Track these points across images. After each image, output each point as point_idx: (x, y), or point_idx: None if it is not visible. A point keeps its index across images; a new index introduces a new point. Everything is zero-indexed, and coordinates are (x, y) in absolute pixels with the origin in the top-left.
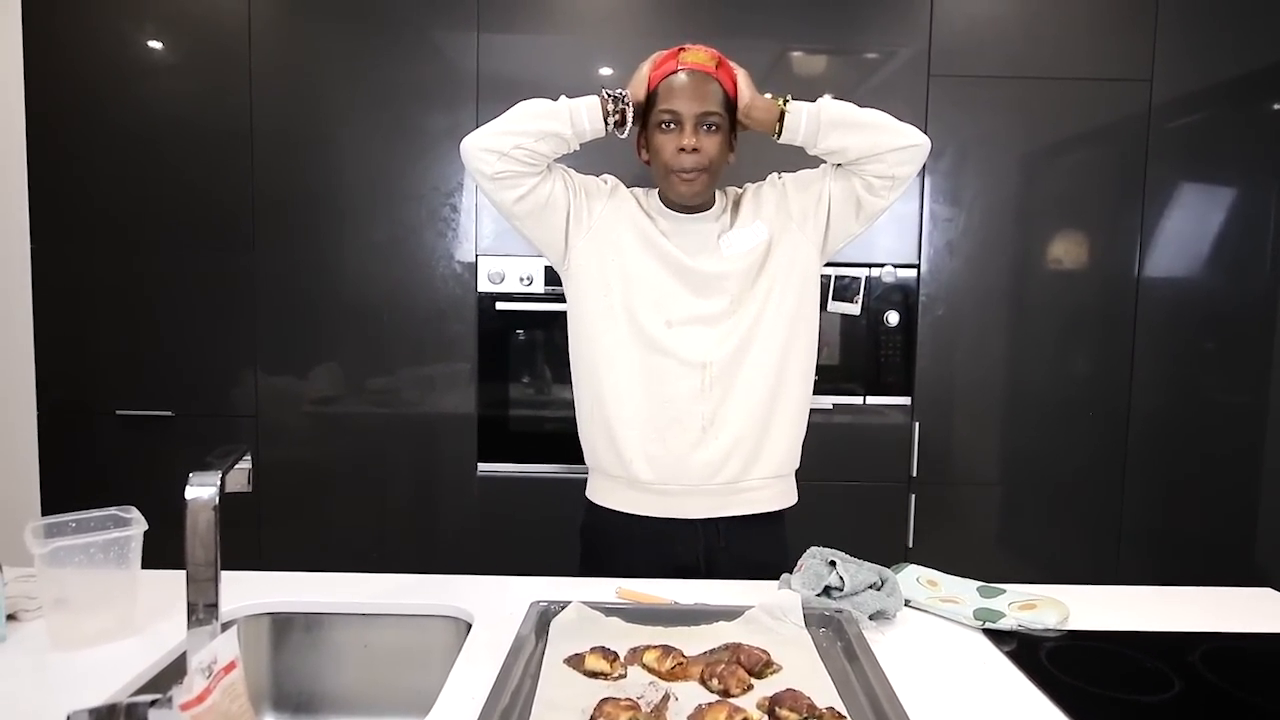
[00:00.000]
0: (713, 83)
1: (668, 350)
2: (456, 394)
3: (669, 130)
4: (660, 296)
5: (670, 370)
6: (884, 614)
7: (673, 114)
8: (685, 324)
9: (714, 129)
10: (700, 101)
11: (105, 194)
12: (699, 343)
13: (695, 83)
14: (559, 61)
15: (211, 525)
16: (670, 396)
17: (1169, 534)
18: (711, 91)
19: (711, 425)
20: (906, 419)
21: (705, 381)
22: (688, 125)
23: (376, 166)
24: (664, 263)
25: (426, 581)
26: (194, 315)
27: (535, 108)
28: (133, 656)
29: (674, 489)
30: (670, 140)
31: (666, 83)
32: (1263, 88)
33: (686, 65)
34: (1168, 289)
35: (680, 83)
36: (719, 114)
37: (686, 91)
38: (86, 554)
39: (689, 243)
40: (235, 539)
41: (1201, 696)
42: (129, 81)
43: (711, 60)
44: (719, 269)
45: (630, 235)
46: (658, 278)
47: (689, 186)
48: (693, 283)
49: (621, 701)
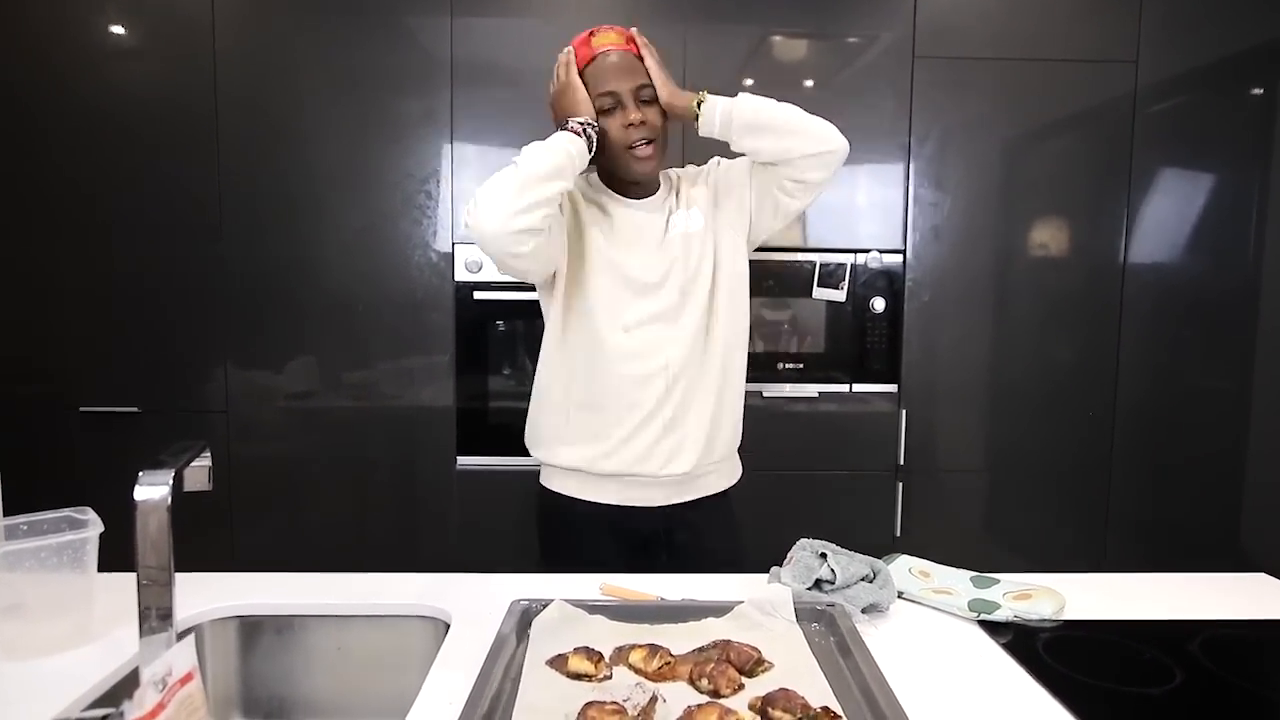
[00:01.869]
0: (630, 55)
1: (627, 354)
2: (434, 386)
3: (611, 113)
4: (611, 302)
5: (633, 374)
6: (877, 607)
7: (611, 96)
8: (642, 325)
9: (650, 100)
10: (632, 76)
11: (66, 182)
12: (657, 343)
13: (620, 60)
14: (534, 46)
15: (164, 527)
16: (635, 401)
17: (1155, 519)
18: (634, 65)
19: (671, 423)
20: (893, 406)
21: (666, 383)
22: (628, 101)
23: (348, 154)
24: (612, 268)
25: (402, 580)
26: (160, 307)
27: (539, 167)
28: (89, 666)
29: (635, 482)
30: (615, 120)
31: (591, 69)
32: (1247, 71)
33: (604, 46)
34: (1152, 275)
35: (608, 64)
36: (649, 85)
37: (616, 70)
38: (38, 558)
39: (634, 235)
40: (206, 540)
41: (1205, 688)
42: (90, 67)
43: (623, 38)
44: (665, 264)
45: (583, 239)
46: (610, 283)
47: (647, 162)
48: (640, 286)
49: (607, 705)
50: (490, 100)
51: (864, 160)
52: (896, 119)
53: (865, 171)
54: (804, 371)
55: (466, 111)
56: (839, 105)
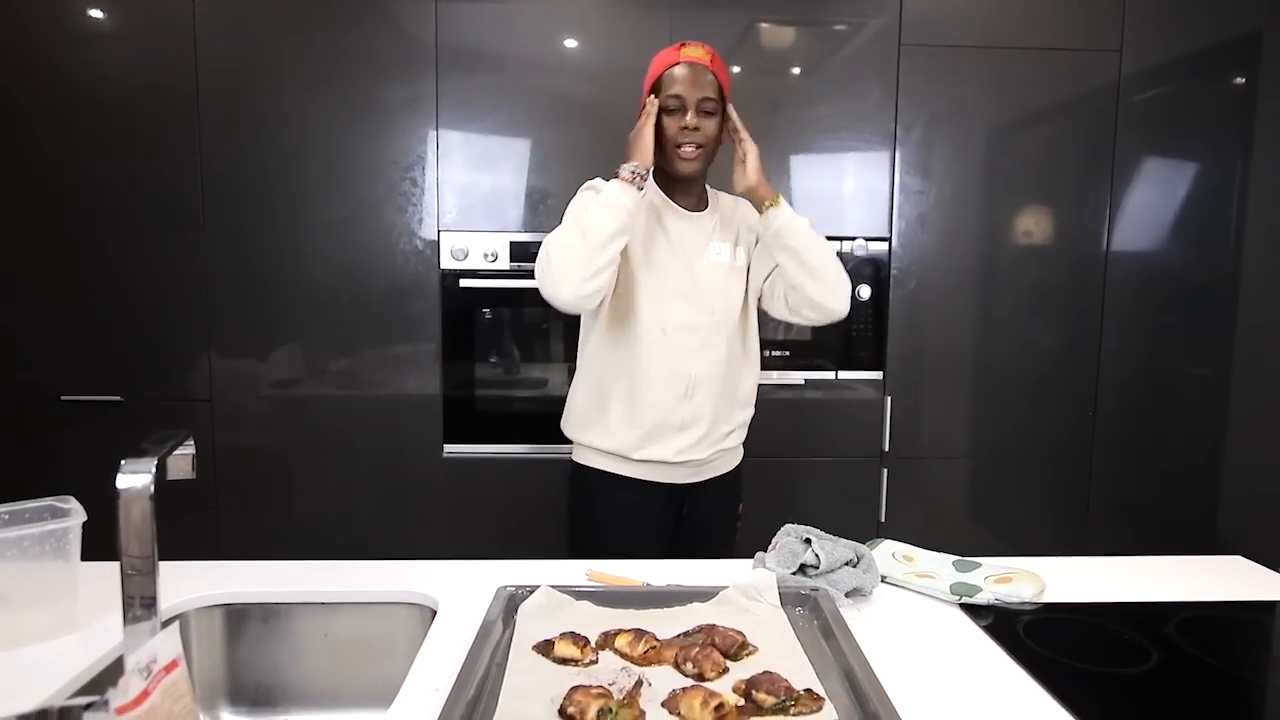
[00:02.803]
0: (709, 73)
1: (659, 357)
2: (421, 374)
3: (673, 113)
4: (654, 302)
5: (658, 375)
6: (860, 591)
7: (677, 99)
8: (679, 330)
9: (711, 113)
10: (699, 88)
11: (46, 169)
12: (689, 351)
13: (695, 72)
14: (521, 31)
15: (147, 516)
16: (657, 403)
17: (1136, 504)
18: (709, 80)
19: (689, 421)
20: (878, 393)
21: (688, 387)
22: (690, 108)
23: (332, 140)
24: (663, 274)
25: (388, 567)
26: (143, 296)
27: (604, 230)
28: (72, 655)
29: (653, 468)
30: (674, 121)
31: (669, 73)
32: (1229, 60)
33: (688, 59)
34: (1135, 262)
35: (682, 73)
36: (715, 100)
37: (688, 80)
38: (20, 547)
39: (687, 245)
40: (191, 529)
41: (1179, 667)
42: (71, 53)
43: (707, 55)
44: (708, 280)
45: (640, 244)
46: (655, 284)
47: (690, 164)
48: (687, 292)
49: (592, 689)
50: (476, 86)
51: (850, 148)
52: (882, 107)
53: (851, 160)
54: (790, 359)
55: (452, 98)
56: (825, 93)
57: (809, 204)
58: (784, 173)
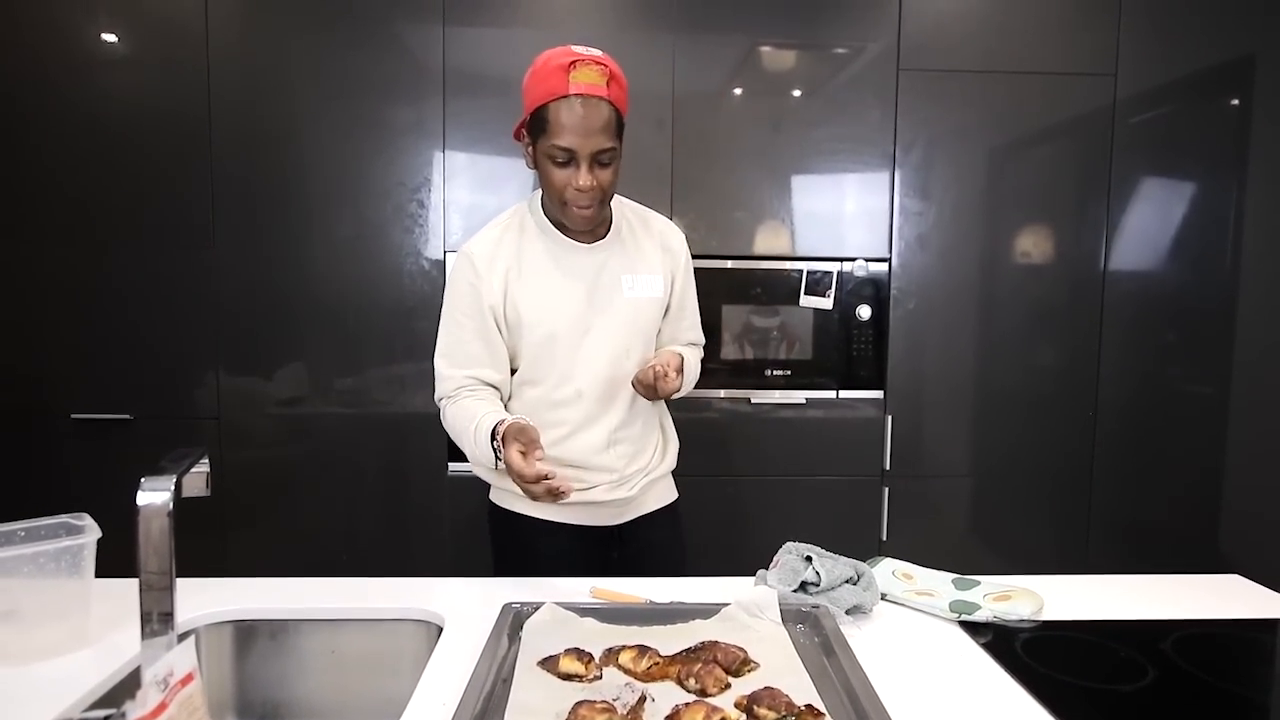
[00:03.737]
0: (604, 107)
1: (576, 421)
2: (426, 393)
3: (563, 166)
4: (570, 363)
5: (578, 436)
6: (860, 608)
7: (566, 151)
8: (594, 388)
9: (608, 163)
10: (594, 137)
11: (59, 189)
12: (603, 408)
13: (588, 114)
14: (526, 56)
15: (166, 532)
16: (577, 460)
17: (1136, 523)
18: (606, 123)
19: (623, 474)
20: (879, 412)
21: (610, 439)
22: (583, 164)
23: (340, 162)
24: (571, 329)
25: (395, 585)
26: (152, 314)
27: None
28: (86, 670)
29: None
30: (564, 176)
31: (556, 109)
32: (1223, 83)
33: (579, 89)
34: (1133, 282)
35: (572, 116)
36: (613, 147)
37: (579, 127)
38: (36, 563)
39: (587, 281)
40: (198, 545)
41: (1175, 684)
42: (85, 74)
43: (603, 78)
44: (619, 313)
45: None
46: (566, 345)
47: (585, 218)
48: (596, 340)
49: (597, 704)
50: (482, 109)
51: (850, 170)
52: (882, 129)
53: (851, 181)
54: (791, 378)
55: (458, 120)
56: (825, 115)
57: (809, 225)
58: (785, 193)
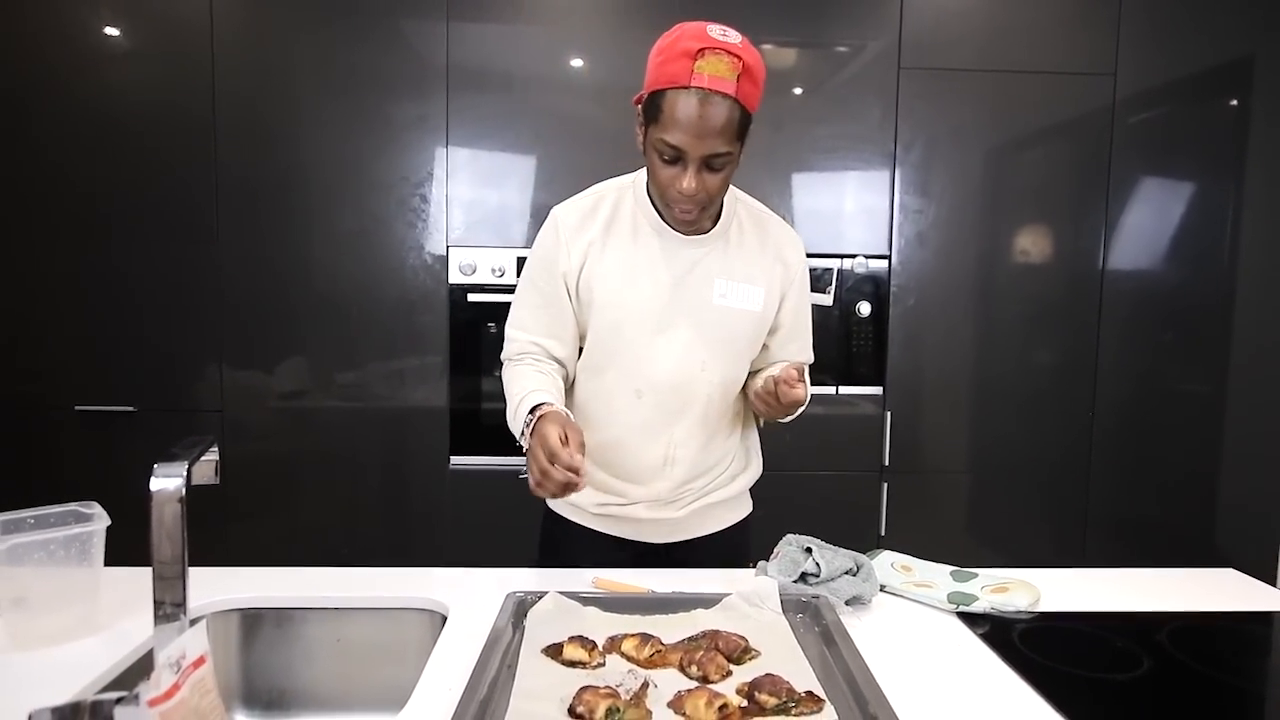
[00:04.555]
0: (727, 106)
1: (631, 424)
2: (428, 387)
3: (669, 163)
4: (634, 358)
5: (632, 442)
6: (860, 599)
7: (674, 150)
8: (655, 393)
9: (719, 169)
10: (709, 140)
11: (63, 183)
12: (665, 419)
13: (706, 113)
14: (530, 51)
15: (178, 518)
16: (629, 472)
17: (1133, 519)
18: (725, 124)
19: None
20: (878, 409)
21: (666, 457)
22: (691, 166)
23: (344, 156)
24: (642, 321)
25: (400, 574)
26: (156, 308)
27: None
28: (96, 655)
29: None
30: (670, 174)
31: (673, 100)
32: (1222, 83)
33: (702, 82)
34: (1130, 281)
35: (689, 112)
36: (729, 152)
37: (694, 126)
38: (46, 550)
39: (674, 275)
40: (201, 538)
41: (1169, 674)
42: (88, 69)
43: (733, 71)
44: (703, 319)
45: (613, 277)
46: (635, 337)
47: (685, 224)
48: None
49: (601, 690)
50: (485, 105)
51: (850, 167)
52: (882, 127)
53: (852, 179)
54: None
55: (461, 116)
56: (826, 113)
57: (810, 222)
58: (786, 191)
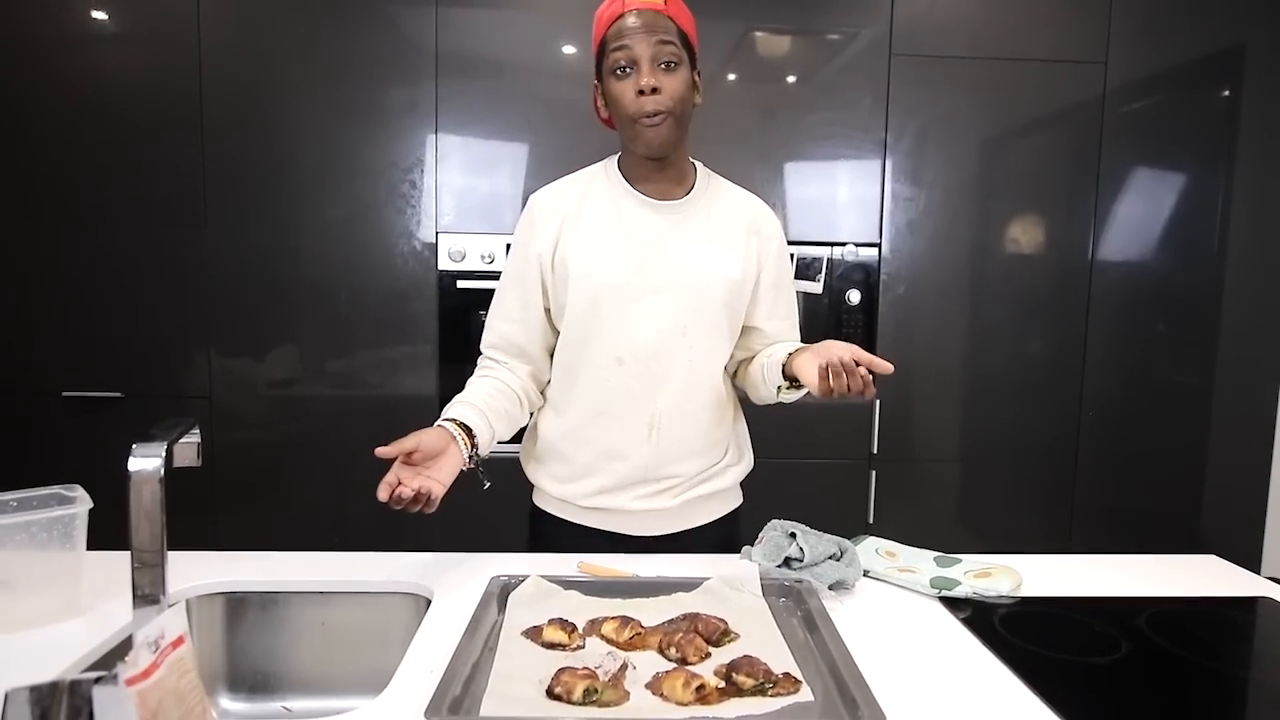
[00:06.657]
0: (663, 19)
1: (614, 394)
2: (417, 375)
3: (624, 75)
4: (613, 326)
5: (616, 412)
6: (843, 584)
7: (626, 55)
8: (636, 360)
9: (673, 65)
10: (654, 37)
11: (50, 169)
12: (647, 387)
13: (646, 20)
14: (519, 36)
15: (157, 499)
16: (613, 445)
17: (1119, 508)
18: (665, 26)
19: (656, 472)
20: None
21: (651, 425)
22: (644, 65)
23: (333, 142)
24: (620, 289)
25: (385, 558)
26: (144, 293)
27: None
28: (77, 637)
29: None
30: (627, 85)
31: (615, 27)
32: (1213, 73)
33: (633, 4)
34: (1120, 272)
35: (629, 23)
36: (676, 47)
37: (637, 30)
38: (28, 533)
39: (650, 240)
40: (187, 526)
41: (1146, 657)
42: (75, 54)
43: None
44: (680, 283)
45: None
46: (614, 305)
47: (655, 132)
48: (648, 306)
49: (579, 671)
50: (475, 91)
51: (842, 155)
52: (874, 115)
53: (843, 166)
54: None
55: (451, 102)
56: (818, 101)
57: (801, 209)
58: (778, 179)
